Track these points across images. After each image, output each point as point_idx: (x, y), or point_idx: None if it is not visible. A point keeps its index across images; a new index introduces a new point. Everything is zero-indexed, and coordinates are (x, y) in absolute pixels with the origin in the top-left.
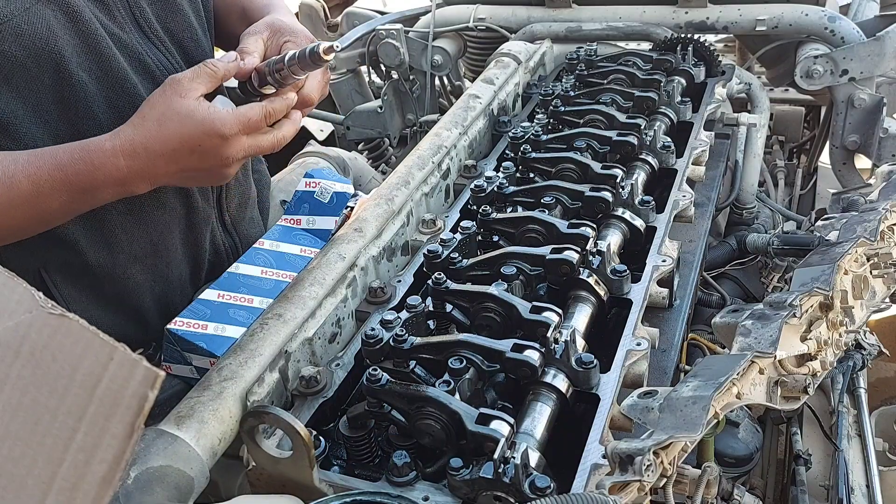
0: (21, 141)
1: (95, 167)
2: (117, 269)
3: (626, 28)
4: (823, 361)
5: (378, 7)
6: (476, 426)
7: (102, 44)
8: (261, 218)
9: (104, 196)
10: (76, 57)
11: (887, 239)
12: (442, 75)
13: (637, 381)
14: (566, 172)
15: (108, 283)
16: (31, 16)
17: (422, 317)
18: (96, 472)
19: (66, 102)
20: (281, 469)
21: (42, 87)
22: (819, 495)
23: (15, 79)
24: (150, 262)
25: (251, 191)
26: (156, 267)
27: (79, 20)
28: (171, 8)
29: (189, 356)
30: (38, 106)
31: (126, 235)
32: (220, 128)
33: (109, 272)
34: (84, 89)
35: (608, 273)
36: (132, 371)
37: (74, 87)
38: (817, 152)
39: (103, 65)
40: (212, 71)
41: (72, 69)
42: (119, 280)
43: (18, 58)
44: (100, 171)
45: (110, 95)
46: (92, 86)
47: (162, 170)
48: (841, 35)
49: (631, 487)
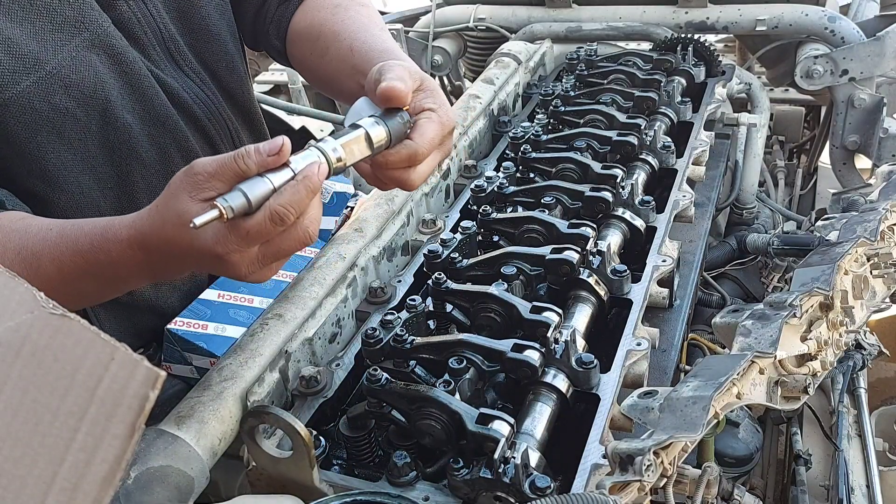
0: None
1: (113, 258)
2: (159, 301)
3: (626, 28)
4: (823, 361)
5: (378, 7)
6: (476, 426)
7: (145, 83)
8: None
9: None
10: (121, 99)
11: (887, 239)
12: (442, 75)
13: (637, 381)
14: (566, 172)
15: (147, 315)
16: (77, 64)
17: (422, 317)
18: (97, 472)
19: (112, 146)
20: (281, 469)
21: (90, 134)
22: (819, 495)
23: (67, 131)
24: (186, 290)
25: None
26: (190, 292)
27: (123, 62)
28: (205, 37)
29: (189, 356)
30: (85, 154)
31: None
32: (211, 247)
33: (152, 305)
34: (129, 131)
35: (608, 273)
36: (133, 371)
37: (119, 130)
38: (817, 152)
39: (146, 104)
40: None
41: (118, 112)
42: (158, 310)
43: (69, 109)
44: (119, 263)
45: (153, 133)
46: (136, 127)
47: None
48: (841, 35)
49: (631, 487)
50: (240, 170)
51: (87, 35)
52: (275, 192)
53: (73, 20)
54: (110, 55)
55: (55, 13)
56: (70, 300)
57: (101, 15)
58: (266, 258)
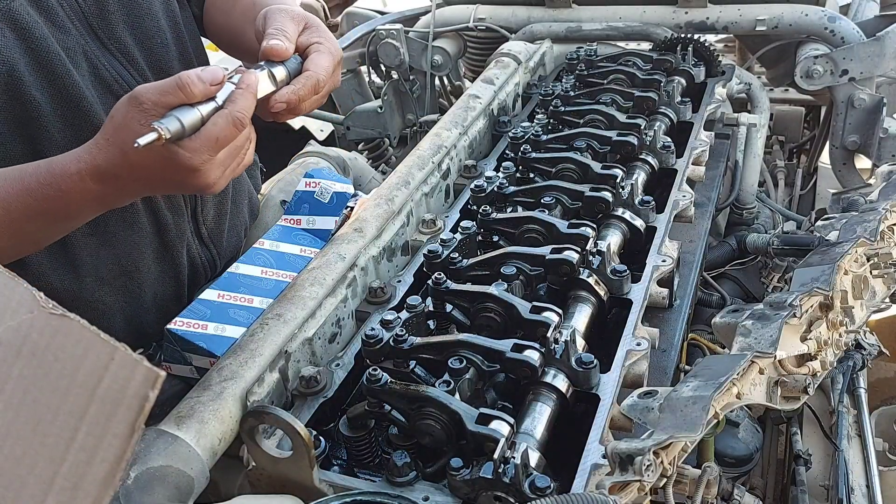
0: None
1: (64, 192)
2: (84, 293)
3: (626, 28)
4: (823, 361)
5: (378, 7)
6: (476, 426)
7: (55, 60)
8: (247, 224)
9: (86, 216)
10: (30, 76)
11: (887, 239)
12: (442, 75)
13: (637, 381)
14: (566, 172)
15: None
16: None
17: (422, 317)
18: (97, 471)
19: (20, 122)
20: (281, 469)
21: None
22: (819, 495)
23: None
24: (119, 284)
25: (228, 200)
26: (126, 289)
27: (30, 37)
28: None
29: (189, 356)
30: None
31: (91, 257)
32: (187, 161)
33: (76, 296)
34: (38, 109)
35: (608, 273)
36: (133, 371)
37: (27, 106)
38: (817, 152)
39: (57, 83)
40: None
41: (24, 88)
42: (87, 304)
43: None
44: (70, 196)
45: (66, 114)
46: (46, 105)
47: (138, 191)
48: (841, 35)
49: (631, 487)
50: (185, 97)
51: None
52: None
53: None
54: (15, 29)
55: None
56: (18, 243)
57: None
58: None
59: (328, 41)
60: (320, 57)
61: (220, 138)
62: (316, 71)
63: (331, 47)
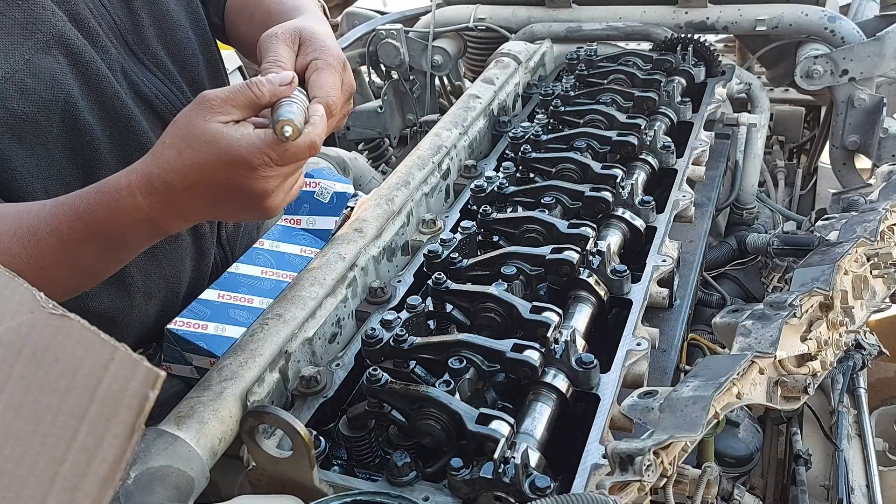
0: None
1: (113, 211)
2: (133, 310)
3: (626, 28)
4: (823, 361)
5: (378, 7)
6: (476, 426)
7: (104, 82)
8: (259, 224)
9: (139, 241)
10: (82, 101)
11: (887, 239)
12: (442, 75)
13: (637, 381)
14: (566, 172)
15: (122, 325)
16: (32, 68)
17: (422, 317)
18: (97, 472)
19: (74, 149)
20: (281, 469)
21: (51, 138)
22: (819, 495)
23: (27, 136)
24: (162, 296)
25: None
26: (167, 299)
27: (81, 61)
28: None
29: (189, 356)
30: (48, 158)
31: (141, 275)
32: (246, 156)
33: (126, 313)
34: (91, 132)
35: (608, 273)
36: (133, 371)
37: (82, 132)
38: (817, 152)
39: (106, 104)
40: (253, 95)
41: (79, 114)
42: (135, 319)
43: (28, 114)
44: (120, 216)
45: (115, 134)
46: (98, 127)
47: (189, 206)
48: (841, 35)
49: (631, 487)
50: (254, 96)
51: (41, 36)
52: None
53: (23, 22)
54: (67, 55)
55: (2, 16)
56: (75, 274)
57: (54, 14)
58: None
59: (325, 52)
60: (320, 76)
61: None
62: (323, 95)
63: (329, 59)
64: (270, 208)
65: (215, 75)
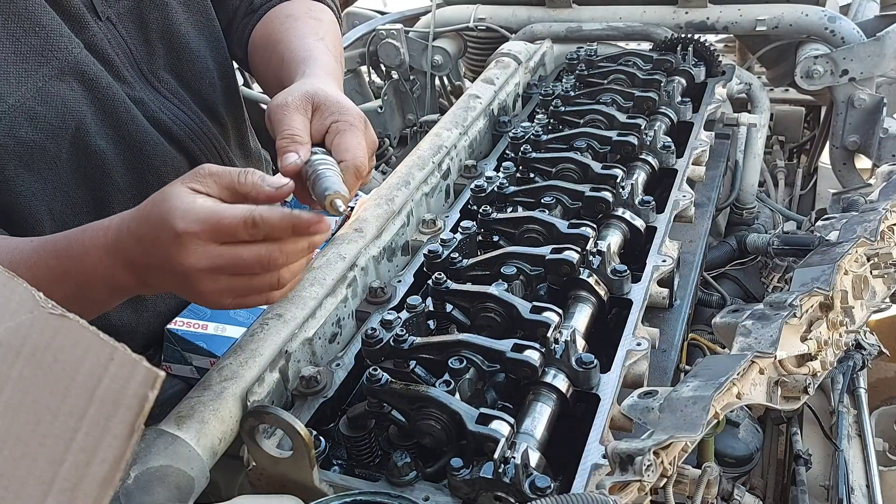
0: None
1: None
2: (141, 328)
3: (626, 28)
4: (823, 361)
5: (378, 7)
6: (476, 426)
7: (120, 108)
8: None
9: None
10: (95, 126)
11: (887, 239)
12: (442, 75)
13: (637, 381)
14: (566, 172)
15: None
16: (44, 95)
17: (422, 317)
18: (97, 472)
19: (84, 172)
20: (281, 469)
21: (60, 163)
22: (819, 495)
23: (35, 163)
24: (170, 314)
25: None
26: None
27: (96, 87)
28: (184, 55)
29: (189, 356)
30: (56, 182)
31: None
32: (174, 220)
33: (133, 329)
34: (103, 157)
35: (608, 273)
36: (132, 371)
37: (92, 157)
38: (817, 152)
39: (121, 129)
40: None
41: (90, 140)
42: (142, 336)
43: (36, 141)
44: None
45: (128, 159)
46: (111, 152)
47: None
48: (841, 35)
49: (631, 487)
50: (236, 183)
51: (56, 63)
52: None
53: (39, 49)
54: (82, 82)
55: (18, 43)
56: None
57: (71, 40)
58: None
59: (344, 113)
60: (344, 138)
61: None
62: (350, 158)
63: (349, 119)
64: (202, 293)
65: (231, 103)
